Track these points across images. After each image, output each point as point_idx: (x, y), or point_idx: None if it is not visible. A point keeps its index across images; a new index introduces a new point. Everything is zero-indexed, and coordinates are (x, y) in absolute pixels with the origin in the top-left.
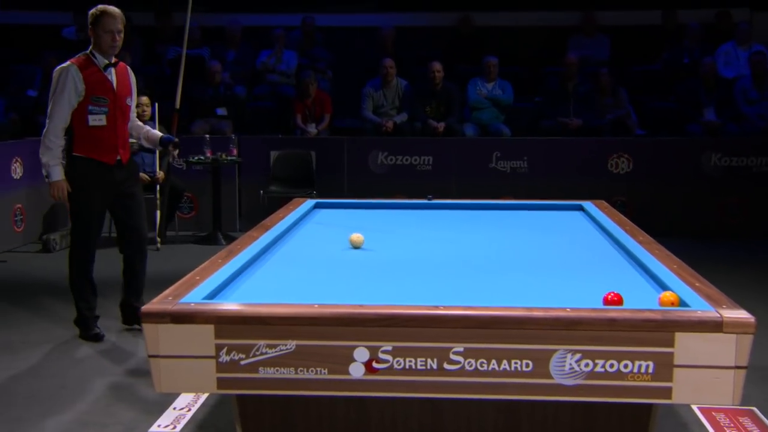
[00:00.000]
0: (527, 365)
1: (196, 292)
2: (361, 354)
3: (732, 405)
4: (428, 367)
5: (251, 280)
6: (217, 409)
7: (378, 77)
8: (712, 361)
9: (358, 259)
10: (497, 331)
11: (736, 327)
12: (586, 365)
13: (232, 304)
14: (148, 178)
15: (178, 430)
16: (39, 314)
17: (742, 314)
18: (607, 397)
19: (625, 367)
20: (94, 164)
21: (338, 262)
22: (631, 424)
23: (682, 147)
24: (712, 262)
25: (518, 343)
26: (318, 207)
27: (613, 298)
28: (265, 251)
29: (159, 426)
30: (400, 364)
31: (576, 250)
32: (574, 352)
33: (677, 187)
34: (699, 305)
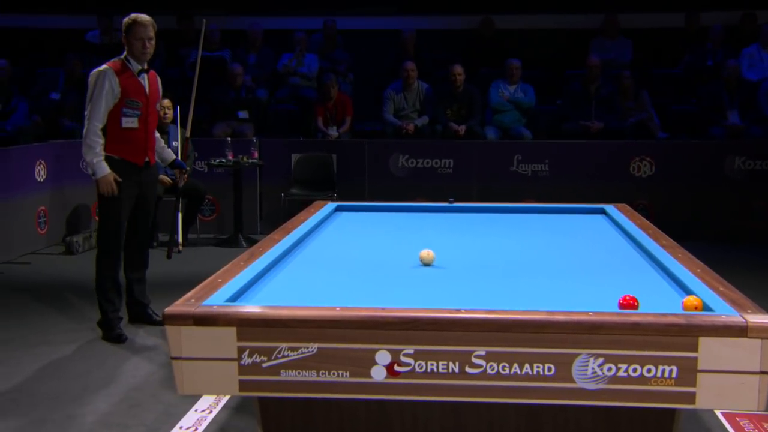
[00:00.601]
0: (549, 369)
1: (219, 295)
2: (383, 357)
3: (757, 411)
4: (450, 371)
5: (273, 282)
6: (238, 411)
7: (399, 80)
8: (736, 366)
9: (379, 262)
10: (519, 334)
11: (762, 332)
12: (609, 369)
13: (255, 307)
14: (170, 181)
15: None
16: (62, 316)
17: (767, 319)
18: (630, 401)
19: (649, 371)
20: (124, 164)
21: (360, 265)
22: (654, 429)
23: (705, 150)
24: (736, 266)
25: (540, 347)
26: (339, 210)
27: (629, 302)
28: (286, 254)
29: (181, 428)
30: (421, 368)
31: (598, 254)
32: (597, 356)
33: (700, 191)
34: (723, 310)
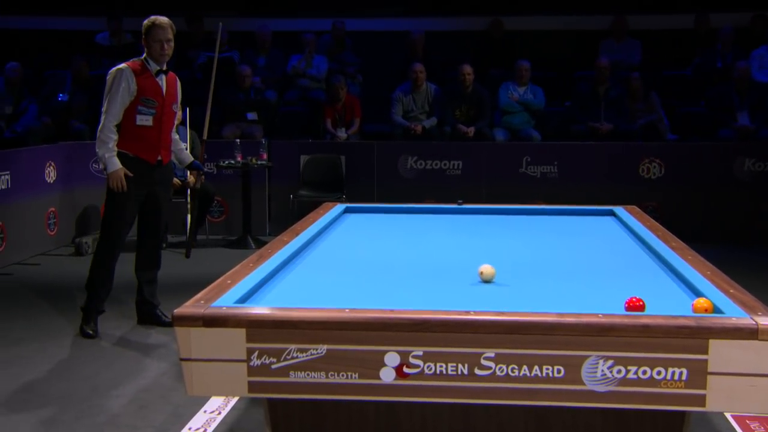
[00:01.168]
0: (559, 371)
1: (228, 296)
2: (392, 359)
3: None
4: (459, 373)
5: (282, 284)
6: (247, 412)
7: (408, 82)
8: (747, 368)
9: (388, 264)
10: (528, 336)
11: None
12: (619, 372)
13: (264, 308)
14: (180, 183)
15: None
16: (71, 317)
17: None
18: (640, 404)
19: (658, 374)
20: (137, 162)
21: (369, 267)
22: None
23: (715, 152)
24: (746, 269)
25: (550, 349)
26: (348, 211)
27: (635, 303)
28: (295, 255)
29: (190, 429)
30: (431, 369)
31: (608, 256)
32: (607, 359)
33: (709, 193)
34: (733, 312)
